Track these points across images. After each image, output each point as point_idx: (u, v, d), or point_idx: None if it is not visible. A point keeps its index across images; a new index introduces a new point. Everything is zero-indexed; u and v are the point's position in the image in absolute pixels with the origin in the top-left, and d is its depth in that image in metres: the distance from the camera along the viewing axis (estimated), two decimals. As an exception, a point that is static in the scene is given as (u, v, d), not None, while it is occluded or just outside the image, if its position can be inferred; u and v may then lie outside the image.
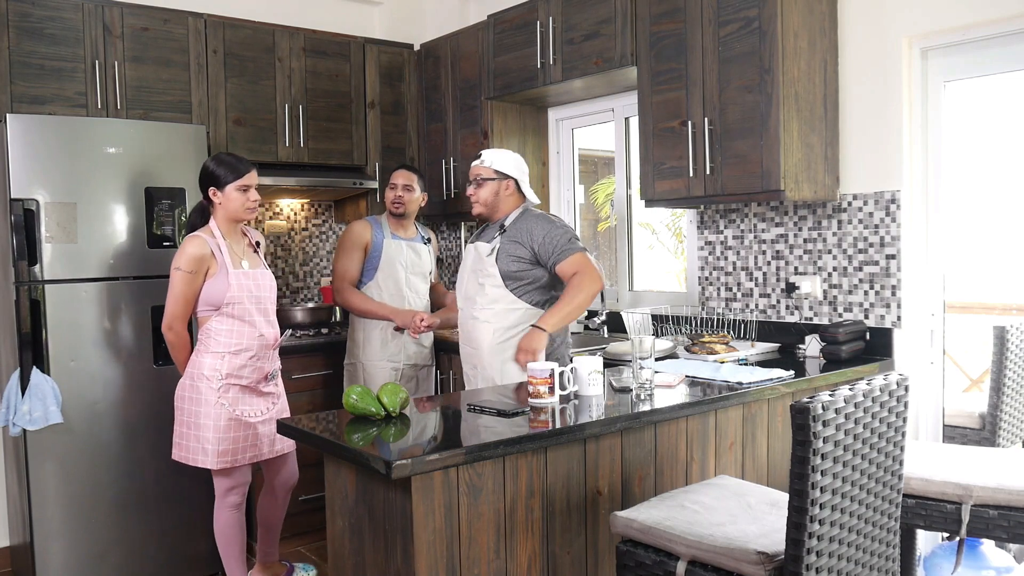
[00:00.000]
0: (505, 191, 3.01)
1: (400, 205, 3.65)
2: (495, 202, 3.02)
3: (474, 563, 2.02)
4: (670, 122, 3.24)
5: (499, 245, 2.94)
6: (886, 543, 1.97)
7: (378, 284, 3.63)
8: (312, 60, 4.20)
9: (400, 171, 3.71)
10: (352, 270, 3.61)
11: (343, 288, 3.61)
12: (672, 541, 1.94)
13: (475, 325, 2.96)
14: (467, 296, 3.03)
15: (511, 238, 2.92)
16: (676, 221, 4.56)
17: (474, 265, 3.01)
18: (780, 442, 2.78)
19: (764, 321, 3.38)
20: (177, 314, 2.95)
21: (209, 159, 3.08)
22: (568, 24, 3.64)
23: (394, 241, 3.66)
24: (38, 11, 3.47)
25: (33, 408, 3.14)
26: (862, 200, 3.08)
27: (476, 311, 2.96)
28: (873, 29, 3.01)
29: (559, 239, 2.85)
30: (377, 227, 3.67)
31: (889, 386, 1.90)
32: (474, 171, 3.04)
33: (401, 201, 3.65)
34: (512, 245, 2.91)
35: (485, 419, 2.22)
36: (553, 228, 2.88)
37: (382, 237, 3.64)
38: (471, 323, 2.98)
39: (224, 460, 2.97)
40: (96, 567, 3.32)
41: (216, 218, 3.02)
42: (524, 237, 2.89)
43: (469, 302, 3.01)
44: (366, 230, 3.65)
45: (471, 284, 3.01)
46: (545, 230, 2.88)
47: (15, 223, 3.15)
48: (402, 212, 3.67)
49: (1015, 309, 3.20)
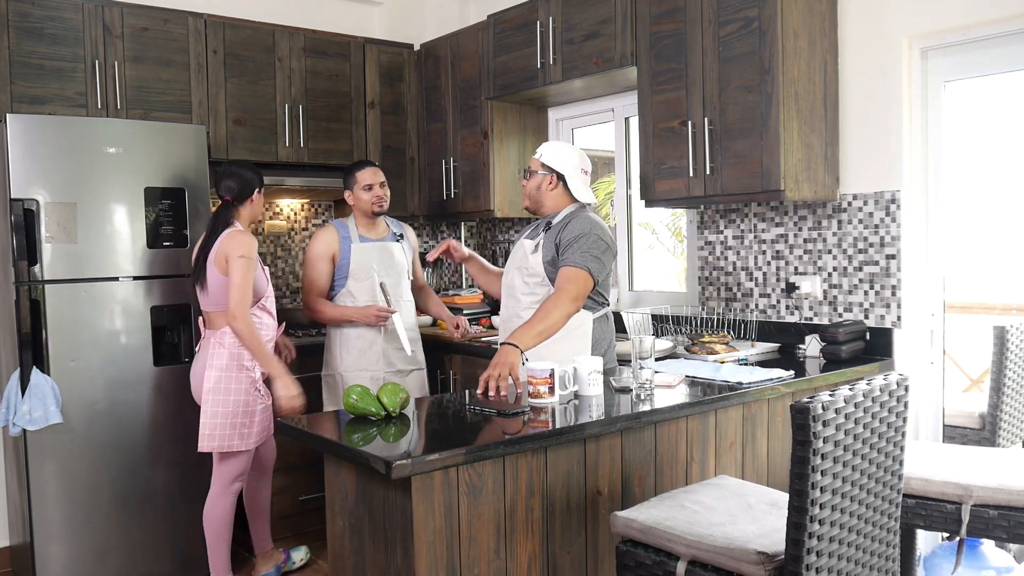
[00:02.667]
0: (548, 186, 2.87)
1: (382, 203, 3.50)
2: (538, 196, 2.90)
3: (474, 563, 2.02)
4: (670, 122, 3.24)
5: (542, 242, 2.83)
6: (886, 543, 1.97)
7: (351, 292, 3.47)
8: (312, 60, 4.20)
9: (369, 168, 3.52)
10: (319, 281, 3.45)
11: (309, 300, 3.47)
12: (672, 541, 1.94)
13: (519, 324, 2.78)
14: (511, 293, 2.91)
15: (553, 237, 2.80)
16: (676, 221, 4.56)
17: (519, 261, 2.90)
18: (780, 442, 2.78)
19: (764, 321, 3.38)
20: (248, 303, 3.10)
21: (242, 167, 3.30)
22: (568, 24, 3.64)
23: (363, 244, 3.48)
24: (38, 11, 3.47)
25: (33, 408, 3.14)
26: (862, 200, 3.08)
27: (522, 310, 2.83)
28: (873, 29, 3.01)
29: (579, 246, 2.69)
30: (344, 232, 3.49)
31: (889, 386, 1.90)
32: (529, 164, 2.95)
33: (382, 199, 3.50)
34: (552, 244, 2.79)
35: (485, 419, 2.22)
36: (583, 236, 2.71)
37: (350, 243, 3.47)
38: (515, 321, 2.81)
39: (262, 437, 3.23)
40: (96, 567, 3.32)
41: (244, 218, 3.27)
42: (561, 235, 2.77)
43: (513, 299, 2.90)
44: (332, 238, 3.46)
45: (516, 280, 2.89)
46: (576, 233, 2.73)
47: (15, 223, 3.15)
48: (384, 211, 3.53)
49: (1015, 309, 3.20)
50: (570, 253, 2.70)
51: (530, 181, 2.91)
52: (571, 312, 2.62)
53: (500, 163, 4.17)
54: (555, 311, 2.58)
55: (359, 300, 3.46)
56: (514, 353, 2.46)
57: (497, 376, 2.40)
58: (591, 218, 2.81)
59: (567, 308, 2.61)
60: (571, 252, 2.70)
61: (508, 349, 2.47)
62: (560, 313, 2.58)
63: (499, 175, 4.16)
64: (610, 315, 2.92)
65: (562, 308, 2.59)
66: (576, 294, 2.63)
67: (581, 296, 2.65)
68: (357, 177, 3.50)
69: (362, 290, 3.48)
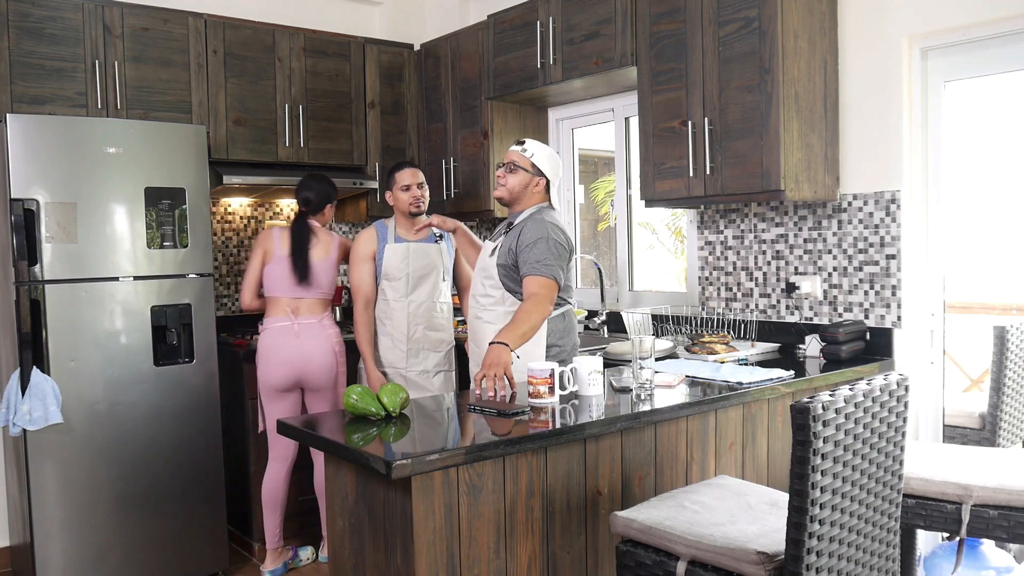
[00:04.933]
0: (534, 187, 2.87)
1: (420, 204, 3.48)
2: (521, 194, 2.88)
3: (474, 563, 2.02)
4: (670, 122, 3.24)
5: (500, 244, 2.87)
6: (886, 543, 1.97)
7: (383, 292, 3.48)
8: (312, 60, 4.20)
9: (407, 169, 3.52)
10: (364, 286, 3.47)
11: (356, 307, 3.49)
12: (672, 541, 1.94)
13: (479, 326, 2.91)
14: (473, 295, 2.99)
15: (510, 242, 2.83)
16: (676, 221, 4.56)
17: (481, 262, 2.96)
18: (780, 442, 2.78)
19: (764, 321, 3.38)
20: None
21: (320, 181, 3.62)
22: (568, 24, 3.64)
23: (397, 245, 3.46)
24: (38, 11, 3.47)
25: (33, 408, 3.14)
26: (862, 200, 3.08)
27: (480, 311, 2.92)
28: (873, 29, 3.01)
29: (537, 254, 2.72)
30: (382, 232, 3.50)
31: (889, 386, 1.90)
32: (511, 155, 2.89)
33: (420, 200, 3.49)
34: (508, 249, 2.82)
35: (485, 419, 2.22)
36: (540, 241, 2.74)
37: (385, 243, 3.48)
38: (476, 323, 2.94)
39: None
40: (96, 567, 3.32)
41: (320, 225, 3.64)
42: (518, 240, 2.79)
43: (475, 301, 2.97)
44: (371, 239, 3.49)
45: (476, 283, 2.97)
46: (534, 238, 2.74)
47: (15, 223, 3.15)
48: (423, 211, 3.50)
49: (1015, 309, 3.20)
50: (532, 259, 2.72)
51: (514, 176, 2.87)
52: (547, 314, 2.71)
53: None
54: (535, 313, 2.64)
55: (390, 300, 3.47)
56: (506, 352, 2.47)
57: (493, 376, 2.40)
58: (546, 221, 2.81)
59: (544, 310, 2.69)
60: (532, 260, 2.72)
61: (499, 348, 2.47)
62: (540, 316, 2.66)
63: (499, 175, 4.16)
64: (569, 312, 2.92)
65: (540, 311, 2.66)
66: (550, 298, 2.71)
67: (553, 300, 2.73)
68: (396, 178, 3.52)
69: (394, 290, 3.47)
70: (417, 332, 3.48)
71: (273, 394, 3.50)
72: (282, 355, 3.46)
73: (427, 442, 2.14)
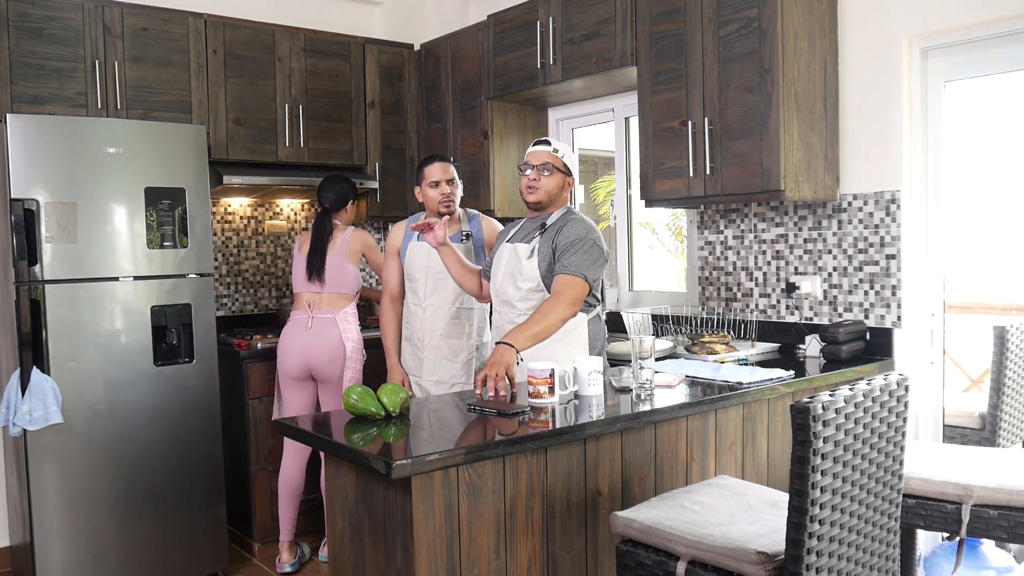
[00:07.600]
0: (567, 188, 2.85)
1: (450, 202, 3.28)
2: (557, 196, 2.83)
3: (474, 563, 2.02)
4: (670, 122, 3.24)
5: (538, 246, 2.80)
6: (886, 543, 1.97)
7: (407, 296, 3.39)
8: (312, 60, 4.20)
9: (437, 164, 3.30)
10: (391, 281, 3.40)
11: (382, 301, 3.46)
12: (672, 541, 1.94)
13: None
14: (504, 300, 2.86)
15: (550, 239, 2.76)
16: (676, 221, 4.56)
17: (510, 267, 2.84)
18: (780, 442, 2.78)
19: (764, 321, 3.38)
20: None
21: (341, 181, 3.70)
22: (568, 24, 3.64)
23: (417, 244, 3.30)
24: (38, 11, 3.47)
25: (33, 408, 3.14)
26: (862, 200, 3.08)
27: (516, 316, 2.79)
28: (873, 29, 3.01)
29: (576, 252, 2.68)
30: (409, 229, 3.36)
31: (889, 386, 1.90)
32: (542, 156, 2.81)
33: (450, 198, 3.28)
34: (548, 249, 2.76)
35: (485, 419, 2.22)
36: (580, 240, 2.70)
37: (408, 240, 3.33)
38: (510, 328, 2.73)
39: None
40: (96, 567, 3.32)
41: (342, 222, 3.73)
42: (557, 239, 2.74)
43: (507, 306, 2.85)
44: (399, 233, 3.38)
45: (508, 287, 2.84)
46: (573, 237, 2.70)
47: (15, 223, 3.15)
48: (452, 210, 3.30)
49: (1015, 309, 3.20)
50: (567, 259, 2.68)
51: (550, 178, 2.81)
52: (568, 316, 2.62)
53: (500, 163, 4.17)
54: (552, 314, 2.57)
55: (410, 304, 3.36)
56: (510, 352, 2.45)
57: (494, 376, 2.39)
58: (587, 222, 2.79)
59: (565, 312, 2.60)
60: (568, 258, 2.68)
61: (504, 348, 2.46)
62: (557, 316, 2.58)
63: (499, 175, 4.16)
64: (601, 315, 2.90)
65: (560, 312, 2.58)
66: (574, 299, 2.63)
67: (578, 302, 2.65)
68: (425, 173, 3.31)
69: (413, 292, 3.35)
70: (433, 339, 3.30)
71: (289, 383, 3.63)
72: (294, 346, 3.59)
73: (427, 442, 2.14)
